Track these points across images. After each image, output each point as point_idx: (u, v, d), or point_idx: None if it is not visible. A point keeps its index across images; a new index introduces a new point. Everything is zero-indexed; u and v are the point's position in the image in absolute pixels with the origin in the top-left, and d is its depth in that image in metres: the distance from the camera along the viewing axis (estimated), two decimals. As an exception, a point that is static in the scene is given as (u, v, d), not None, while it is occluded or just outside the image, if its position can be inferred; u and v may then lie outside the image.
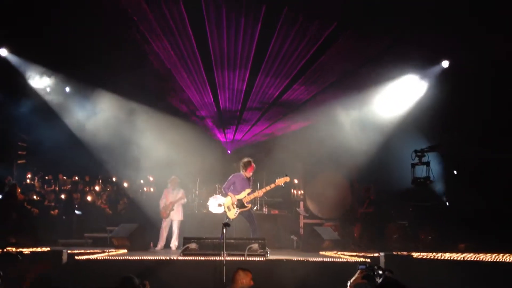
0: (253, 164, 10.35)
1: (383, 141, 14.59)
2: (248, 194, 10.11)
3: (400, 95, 14.68)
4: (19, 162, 16.38)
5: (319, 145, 14.93)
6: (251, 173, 10.35)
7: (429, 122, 13.89)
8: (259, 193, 10.32)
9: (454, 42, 12.34)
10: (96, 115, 14.97)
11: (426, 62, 13.92)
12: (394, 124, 14.65)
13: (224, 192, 10.40)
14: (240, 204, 10.05)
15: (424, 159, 13.15)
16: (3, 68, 13.34)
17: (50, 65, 14.04)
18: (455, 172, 15.04)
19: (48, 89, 14.52)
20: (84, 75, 14.29)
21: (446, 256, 9.93)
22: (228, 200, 10.13)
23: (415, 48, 12.87)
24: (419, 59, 13.61)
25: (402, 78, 14.34)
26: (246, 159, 10.45)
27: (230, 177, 10.42)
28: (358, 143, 14.54)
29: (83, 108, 15.05)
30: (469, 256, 9.92)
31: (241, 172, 10.37)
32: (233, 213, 10.05)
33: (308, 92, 15.18)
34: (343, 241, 12.86)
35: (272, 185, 10.20)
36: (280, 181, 10.14)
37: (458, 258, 9.70)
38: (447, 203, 14.93)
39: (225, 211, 10.17)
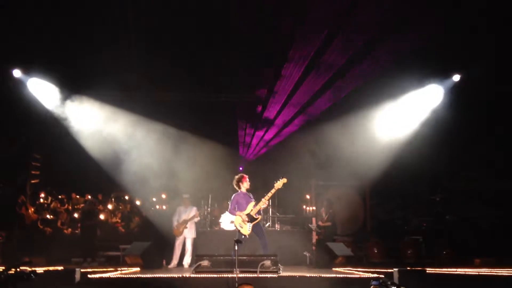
0: (244, 176, 10.53)
1: (397, 156, 14.48)
2: (254, 206, 10.13)
3: (413, 109, 14.60)
4: (32, 181, 16.49)
5: (331, 160, 14.88)
6: (247, 184, 10.44)
7: (443, 135, 13.81)
8: (263, 201, 10.31)
9: (465, 55, 12.33)
10: (109, 133, 15.00)
11: (438, 76, 13.90)
12: (409, 139, 14.56)
13: (231, 214, 10.41)
14: (250, 218, 10.05)
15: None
16: (16, 89, 13.46)
17: (62, 84, 14.13)
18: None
19: (60, 108, 14.57)
20: (97, 94, 14.40)
21: (461, 271, 9.83)
22: (238, 219, 10.11)
23: (426, 61, 12.86)
24: (430, 73, 13.59)
25: (413, 91, 14.30)
26: (236, 176, 10.64)
27: (232, 198, 10.47)
28: (372, 159, 14.47)
29: (95, 126, 15.07)
30: (484, 271, 9.80)
31: (239, 190, 10.44)
32: (247, 229, 10.03)
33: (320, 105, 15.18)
34: (356, 257, 12.78)
35: (273, 190, 10.22)
36: (279, 185, 10.20)
37: (473, 273, 9.59)
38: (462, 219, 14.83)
39: (238, 230, 10.14)
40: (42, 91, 13.93)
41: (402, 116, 14.70)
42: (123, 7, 11.31)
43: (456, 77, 13.81)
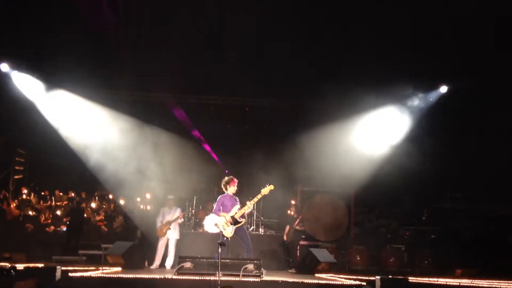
0: (234, 179, 10.42)
1: (383, 165, 14.52)
2: (239, 209, 10.10)
3: (399, 119, 14.67)
4: (15, 177, 16.31)
5: (317, 167, 14.89)
6: (235, 187, 10.35)
7: (429, 143, 13.90)
8: (248, 206, 10.29)
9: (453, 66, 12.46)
10: (94, 131, 14.86)
11: (424, 87, 14.01)
12: (394, 148, 14.62)
13: (215, 215, 10.36)
14: (234, 220, 10.02)
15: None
16: (3, 83, 13.33)
17: (48, 80, 13.99)
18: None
19: (46, 104, 14.41)
20: (83, 91, 14.30)
21: (442, 281, 9.87)
22: (221, 220, 10.09)
23: (414, 72, 12.97)
24: (417, 83, 13.70)
25: (401, 102, 14.39)
26: (226, 178, 10.53)
27: (218, 199, 10.43)
28: (358, 166, 14.50)
29: (81, 124, 14.92)
30: (466, 282, 9.86)
31: (226, 192, 10.39)
32: (229, 231, 9.99)
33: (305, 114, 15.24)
34: (339, 263, 12.80)
35: (259, 196, 10.19)
36: (265, 191, 10.17)
37: (454, 284, 9.64)
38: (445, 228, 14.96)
39: (221, 232, 10.12)
40: (27, 85, 13.80)
41: (386, 128, 14.75)
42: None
43: (444, 89, 13.93)
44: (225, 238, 9.90)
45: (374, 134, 14.74)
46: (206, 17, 11.60)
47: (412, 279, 9.67)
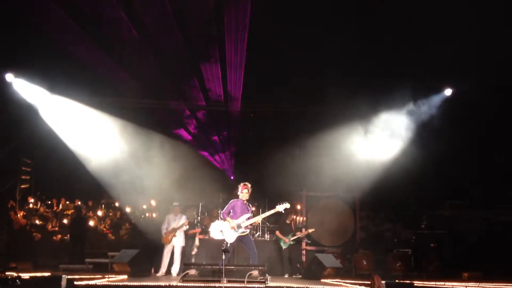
0: (243, 184, 10.35)
1: (387, 169, 14.51)
2: (247, 219, 10.06)
3: (403, 122, 14.65)
4: (22, 186, 16.39)
5: (322, 172, 14.89)
6: (243, 195, 10.29)
7: (433, 147, 13.88)
8: (258, 218, 10.27)
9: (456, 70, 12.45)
10: (99, 139, 14.93)
11: (429, 90, 14.00)
12: (398, 152, 14.60)
13: (222, 217, 10.37)
14: (239, 228, 10.00)
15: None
16: (7, 92, 13.42)
17: (53, 89, 14.07)
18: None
19: (51, 113, 14.47)
20: (88, 99, 14.38)
21: (449, 285, 9.85)
22: (226, 225, 10.09)
23: (417, 76, 12.96)
24: (421, 87, 13.69)
25: (405, 106, 14.38)
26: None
27: (229, 202, 10.40)
28: (362, 171, 14.49)
29: (86, 132, 14.98)
30: (472, 285, 9.83)
31: (239, 197, 10.37)
32: (231, 237, 9.99)
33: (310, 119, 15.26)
34: (345, 268, 12.77)
35: (272, 211, 10.20)
36: (280, 208, 10.12)
37: (461, 287, 9.61)
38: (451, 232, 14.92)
39: (223, 236, 10.11)
40: (31, 94, 13.88)
41: (390, 133, 14.73)
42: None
43: (448, 92, 13.92)
44: (224, 244, 9.88)
45: (378, 139, 14.72)
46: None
47: (418, 283, 9.63)
